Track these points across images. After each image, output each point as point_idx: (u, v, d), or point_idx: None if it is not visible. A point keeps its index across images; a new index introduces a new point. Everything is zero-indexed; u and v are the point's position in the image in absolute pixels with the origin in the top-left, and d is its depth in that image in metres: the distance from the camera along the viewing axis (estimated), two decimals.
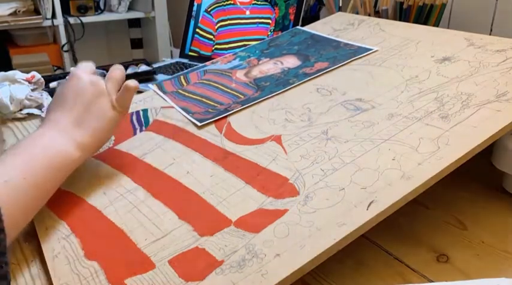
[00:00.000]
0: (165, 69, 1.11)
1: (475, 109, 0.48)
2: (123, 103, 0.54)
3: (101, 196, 0.51)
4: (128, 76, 1.02)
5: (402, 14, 0.92)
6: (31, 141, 0.48)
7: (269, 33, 1.07)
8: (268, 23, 1.07)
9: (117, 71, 0.56)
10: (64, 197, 0.52)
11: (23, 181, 0.44)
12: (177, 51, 1.23)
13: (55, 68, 2.14)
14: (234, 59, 0.79)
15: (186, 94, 0.70)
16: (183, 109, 0.65)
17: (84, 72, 0.54)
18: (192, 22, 1.22)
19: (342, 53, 0.70)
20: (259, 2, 1.09)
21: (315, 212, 0.41)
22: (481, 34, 0.64)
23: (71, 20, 2.24)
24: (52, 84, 0.97)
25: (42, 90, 0.90)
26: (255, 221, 0.42)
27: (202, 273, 0.38)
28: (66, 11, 2.23)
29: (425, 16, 0.90)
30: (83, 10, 2.27)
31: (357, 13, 0.97)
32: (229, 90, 0.68)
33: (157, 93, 0.73)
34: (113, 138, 0.63)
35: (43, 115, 0.82)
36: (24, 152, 0.46)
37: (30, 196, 0.44)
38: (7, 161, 0.45)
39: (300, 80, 0.65)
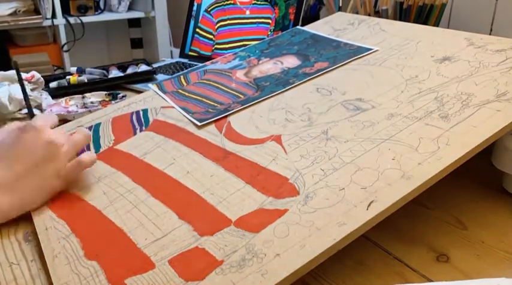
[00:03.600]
0: (165, 69, 1.11)
1: (475, 109, 0.48)
2: (70, 175, 0.50)
3: (100, 196, 0.51)
4: (128, 76, 1.02)
5: (402, 14, 0.92)
6: None
7: (269, 33, 1.07)
8: (268, 23, 1.07)
9: (80, 136, 0.52)
10: (64, 197, 0.52)
11: None
12: (177, 51, 1.23)
13: (55, 68, 2.14)
14: (234, 59, 0.79)
15: (186, 94, 0.70)
16: (183, 109, 0.65)
17: (45, 125, 0.49)
18: (192, 22, 1.22)
19: (342, 53, 0.70)
20: (259, 2, 1.09)
21: (315, 212, 0.41)
22: (481, 34, 0.64)
23: (71, 20, 2.24)
24: (52, 84, 0.97)
25: (42, 89, 0.90)
26: (255, 221, 0.42)
27: (202, 273, 0.38)
28: (66, 11, 2.24)
29: (425, 16, 0.90)
30: (83, 10, 2.27)
31: (357, 13, 0.97)
32: (229, 90, 0.68)
33: (157, 93, 0.73)
34: (112, 137, 0.63)
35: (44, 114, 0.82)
36: None
37: None
38: None
39: (300, 80, 0.65)
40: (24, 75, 0.87)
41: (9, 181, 0.46)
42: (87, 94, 0.90)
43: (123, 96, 0.90)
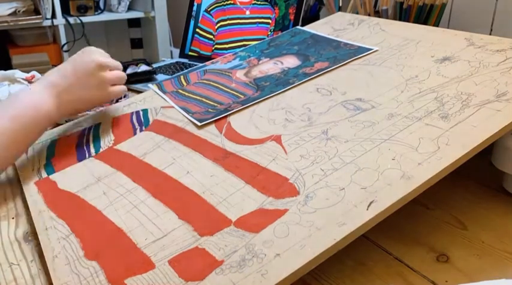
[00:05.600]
0: (165, 69, 1.11)
1: (475, 109, 0.48)
2: (111, 95, 0.65)
3: (100, 196, 0.51)
4: (128, 76, 1.02)
5: (402, 14, 0.92)
6: (23, 96, 0.59)
7: (269, 33, 1.07)
8: (268, 23, 1.07)
9: (121, 74, 0.66)
10: (64, 197, 0.52)
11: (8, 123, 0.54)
12: (177, 51, 1.23)
13: None
14: (234, 59, 0.79)
15: (186, 94, 0.70)
16: (183, 109, 0.65)
17: (100, 51, 0.65)
18: (192, 22, 1.22)
19: (342, 53, 0.70)
20: (259, 2, 1.09)
21: (315, 212, 0.41)
22: (481, 34, 0.64)
23: (71, 20, 2.24)
24: None
25: None
26: (255, 221, 0.42)
27: (202, 273, 0.38)
28: (66, 11, 2.24)
29: (425, 16, 0.90)
30: (82, 10, 2.27)
31: (357, 13, 0.97)
32: (229, 90, 0.68)
33: (157, 93, 0.73)
34: (112, 137, 0.63)
35: None
36: (14, 104, 0.57)
37: (12, 134, 0.55)
38: None
39: (300, 80, 0.65)
40: (24, 75, 0.87)
41: (65, 86, 0.61)
42: None
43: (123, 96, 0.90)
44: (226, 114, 0.61)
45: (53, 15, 2.19)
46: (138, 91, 0.97)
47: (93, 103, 0.65)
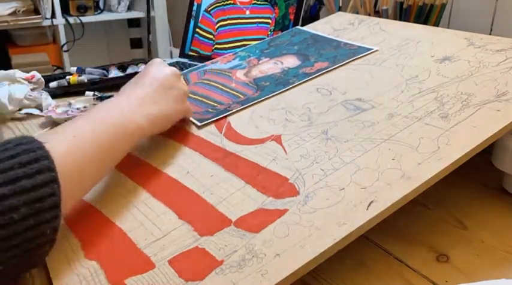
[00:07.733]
0: None
1: (475, 109, 0.48)
2: (187, 107, 0.59)
3: (100, 196, 0.51)
4: (128, 76, 1.02)
5: (402, 14, 0.92)
6: (107, 106, 0.50)
7: (269, 33, 1.07)
8: (268, 23, 1.07)
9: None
10: None
11: (90, 142, 0.44)
12: (177, 51, 1.23)
13: (55, 68, 2.14)
14: (234, 59, 0.79)
15: None
16: None
17: (164, 62, 0.58)
18: (192, 22, 1.22)
19: (341, 53, 0.70)
20: (259, 2, 1.09)
21: (315, 212, 0.41)
22: (481, 34, 0.64)
23: (71, 20, 2.24)
24: (52, 84, 0.97)
25: (42, 89, 0.90)
26: (255, 221, 0.42)
27: (202, 273, 0.38)
28: (65, 11, 2.24)
29: (425, 16, 0.90)
30: (82, 10, 2.27)
31: (357, 13, 0.97)
32: (229, 90, 0.68)
33: None
34: None
35: (42, 114, 0.82)
36: (97, 116, 0.48)
37: (94, 156, 0.44)
38: (78, 121, 0.47)
39: (300, 80, 0.65)
40: (24, 75, 0.87)
41: (150, 94, 0.53)
42: (72, 101, 0.87)
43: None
44: (226, 114, 0.61)
45: (53, 15, 2.20)
46: None
47: (174, 118, 0.56)
